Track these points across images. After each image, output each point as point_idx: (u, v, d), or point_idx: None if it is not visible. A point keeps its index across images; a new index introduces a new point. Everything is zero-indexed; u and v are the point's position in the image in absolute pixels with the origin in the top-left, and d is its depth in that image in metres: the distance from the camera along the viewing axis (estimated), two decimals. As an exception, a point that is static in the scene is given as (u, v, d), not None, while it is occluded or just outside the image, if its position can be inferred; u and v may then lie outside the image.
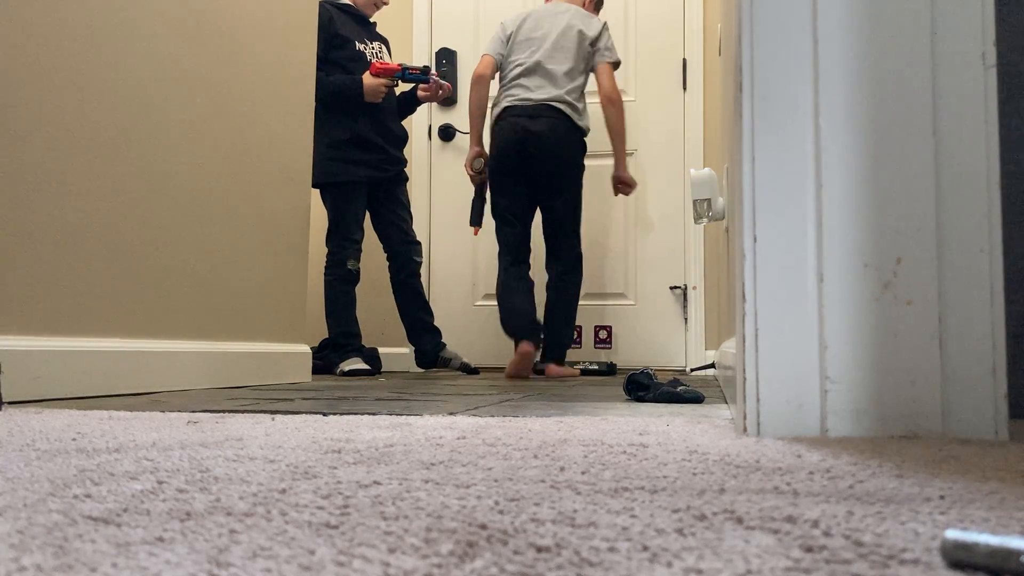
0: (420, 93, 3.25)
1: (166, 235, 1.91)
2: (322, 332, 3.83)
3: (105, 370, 1.68)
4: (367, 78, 3.03)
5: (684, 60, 3.76)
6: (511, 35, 3.12)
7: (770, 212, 0.94)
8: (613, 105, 3.04)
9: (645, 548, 0.41)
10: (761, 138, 0.95)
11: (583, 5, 3.16)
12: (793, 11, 0.95)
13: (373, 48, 3.22)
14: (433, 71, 3.18)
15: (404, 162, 3.27)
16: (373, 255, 3.98)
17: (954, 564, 0.38)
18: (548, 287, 3.04)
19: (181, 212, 1.97)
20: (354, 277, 3.14)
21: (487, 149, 3.12)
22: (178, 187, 1.96)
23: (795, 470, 0.67)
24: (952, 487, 0.59)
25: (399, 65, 3.10)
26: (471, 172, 3.18)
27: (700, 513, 0.49)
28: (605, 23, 3.10)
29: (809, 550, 0.41)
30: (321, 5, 3.00)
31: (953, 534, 0.38)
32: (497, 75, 3.13)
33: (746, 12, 0.96)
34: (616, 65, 3.08)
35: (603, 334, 3.34)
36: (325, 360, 3.25)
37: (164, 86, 1.91)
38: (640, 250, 3.74)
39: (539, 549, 0.40)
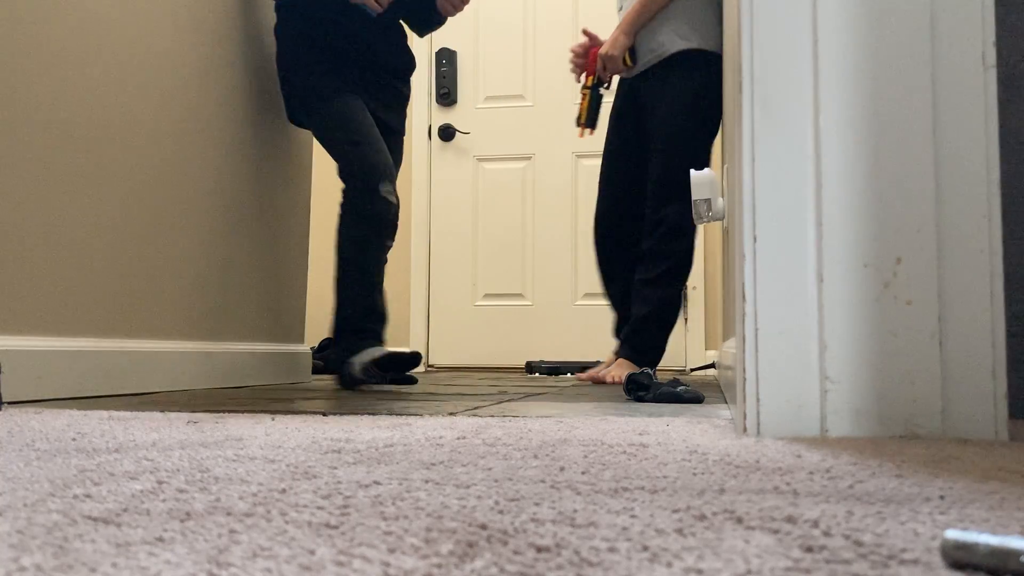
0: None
1: (166, 235, 1.91)
2: (322, 332, 3.83)
3: (105, 370, 1.68)
4: None
5: (684, 60, 3.76)
6: None
7: (770, 212, 0.94)
8: None
9: (645, 548, 0.41)
10: (761, 138, 0.95)
11: None
12: (793, 11, 0.95)
13: None
14: None
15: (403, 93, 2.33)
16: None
17: (954, 564, 0.38)
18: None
19: (181, 211, 1.97)
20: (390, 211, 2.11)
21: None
22: (178, 186, 1.96)
23: (795, 470, 0.67)
24: (952, 487, 0.59)
25: None
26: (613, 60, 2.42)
27: (700, 513, 0.49)
28: None
29: (809, 550, 0.41)
30: None
31: (953, 534, 0.38)
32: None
33: (746, 12, 0.96)
34: None
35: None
36: (325, 360, 3.25)
37: (163, 86, 1.91)
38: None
39: (539, 549, 0.40)
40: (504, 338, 3.78)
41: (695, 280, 3.67)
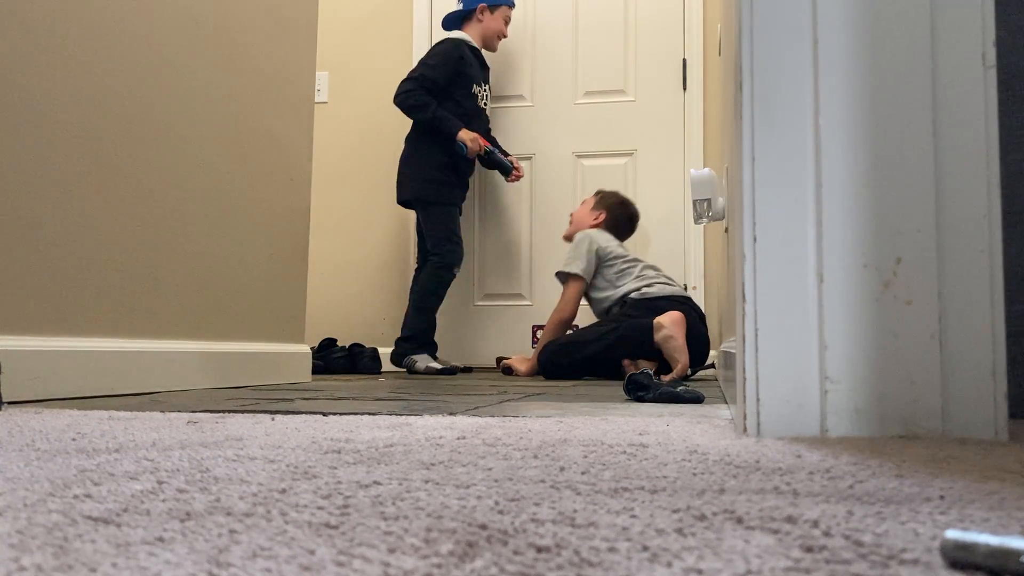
0: (508, 178, 3.61)
1: (166, 235, 1.91)
2: (322, 332, 3.83)
3: (105, 370, 1.68)
4: (464, 132, 3.35)
5: (684, 60, 3.76)
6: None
7: (770, 212, 0.94)
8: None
9: (645, 548, 0.41)
10: (761, 138, 0.95)
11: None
12: (793, 11, 0.95)
13: (485, 90, 3.56)
14: (515, 164, 3.57)
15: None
16: (369, 250, 3.98)
17: (954, 564, 0.38)
18: None
19: (181, 212, 1.97)
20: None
21: None
22: (178, 187, 1.96)
23: (795, 470, 0.67)
24: (952, 487, 0.59)
25: (490, 146, 3.48)
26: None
27: (700, 513, 0.49)
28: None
29: (809, 550, 0.41)
30: (458, 43, 3.41)
31: (953, 534, 0.38)
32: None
33: (746, 12, 0.96)
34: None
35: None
36: (326, 360, 3.26)
37: (163, 87, 1.91)
38: (640, 250, 3.74)
39: (539, 549, 0.40)
40: (504, 338, 3.78)
41: (695, 280, 3.67)
